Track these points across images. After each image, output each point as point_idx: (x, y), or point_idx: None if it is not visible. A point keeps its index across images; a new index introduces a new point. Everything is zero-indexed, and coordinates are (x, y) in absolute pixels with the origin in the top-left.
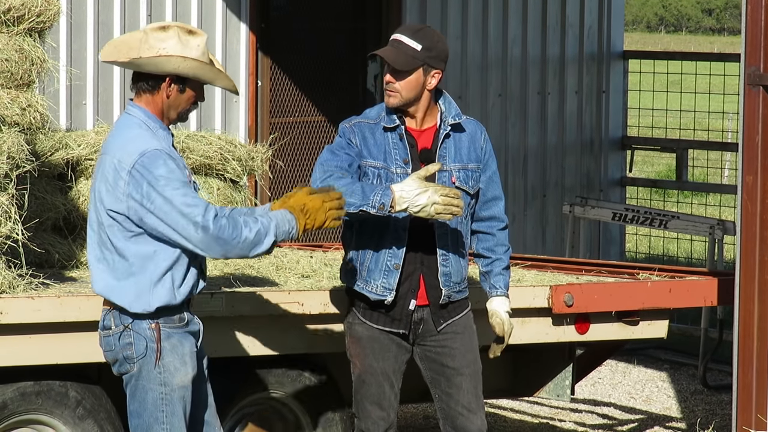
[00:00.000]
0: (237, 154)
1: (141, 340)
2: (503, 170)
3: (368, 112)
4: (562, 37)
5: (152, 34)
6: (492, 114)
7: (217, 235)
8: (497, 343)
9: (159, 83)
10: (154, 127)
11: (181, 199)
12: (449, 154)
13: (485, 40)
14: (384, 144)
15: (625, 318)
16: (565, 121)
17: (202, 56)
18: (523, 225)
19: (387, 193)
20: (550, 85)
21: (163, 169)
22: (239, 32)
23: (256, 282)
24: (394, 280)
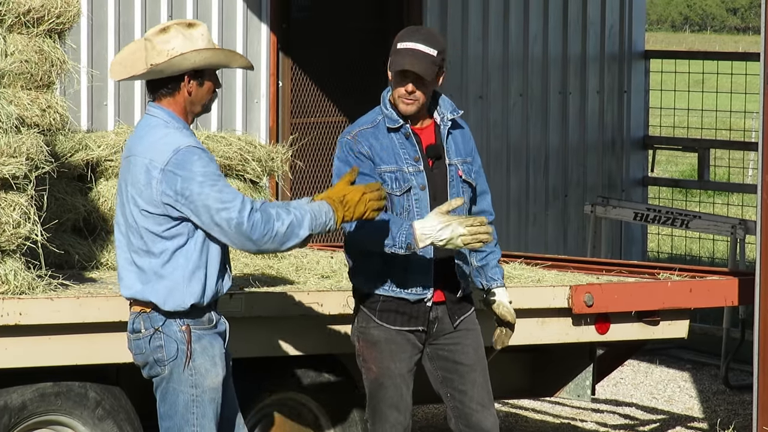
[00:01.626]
0: (257, 154)
1: (172, 343)
2: (524, 170)
3: (361, 120)
4: (584, 37)
5: (155, 38)
6: (513, 114)
7: (250, 231)
8: (507, 329)
9: (178, 83)
10: (178, 128)
11: (216, 195)
12: (452, 149)
13: (506, 40)
14: (391, 146)
15: (646, 318)
16: (586, 121)
17: (210, 44)
18: (545, 225)
19: (411, 233)
20: (571, 84)
21: (198, 164)
22: (260, 33)
23: (275, 282)
24: (431, 276)
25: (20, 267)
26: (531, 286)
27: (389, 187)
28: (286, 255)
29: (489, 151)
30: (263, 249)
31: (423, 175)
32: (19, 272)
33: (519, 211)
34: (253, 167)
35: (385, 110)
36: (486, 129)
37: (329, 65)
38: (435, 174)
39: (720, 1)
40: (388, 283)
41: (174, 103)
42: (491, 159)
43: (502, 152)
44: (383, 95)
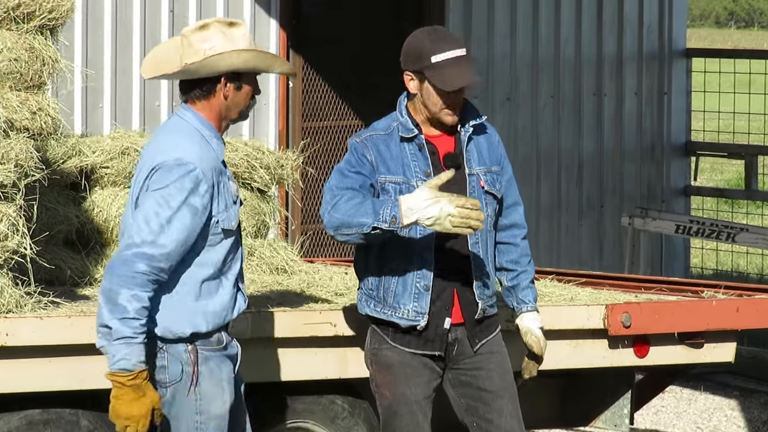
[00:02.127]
0: (265, 161)
1: (176, 364)
2: (555, 178)
3: (376, 124)
4: (620, 34)
5: (193, 36)
6: (543, 117)
7: (111, 270)
8: (533, 361)
9: (214, 86)
10: (208, 136)
11: (154, 216)
12: (473, 158)
13: (536, 38)
14: (401, 156)
15: (689, 340)
16: (623, 125)
17: (251, 46)
18: (578, 238)
19: (396, 205)
20: (606, 85)
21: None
22: (269, 29)
23: (284, 300)
24: (426, 302)
25: (7, 283)
26: (563, 305)
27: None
28: (296, 270)
29: (517, 158)
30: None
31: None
32: (5, 289)
33: (550, 223)
34: (260, 175)
35: (400, 117)
36: (514, 134)
37: (343, 65)
38: (452, 186)
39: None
40: (380, 304)
41: (208, 107)
42: (520, 166)
43: (531, 159)
44: (400, 101)
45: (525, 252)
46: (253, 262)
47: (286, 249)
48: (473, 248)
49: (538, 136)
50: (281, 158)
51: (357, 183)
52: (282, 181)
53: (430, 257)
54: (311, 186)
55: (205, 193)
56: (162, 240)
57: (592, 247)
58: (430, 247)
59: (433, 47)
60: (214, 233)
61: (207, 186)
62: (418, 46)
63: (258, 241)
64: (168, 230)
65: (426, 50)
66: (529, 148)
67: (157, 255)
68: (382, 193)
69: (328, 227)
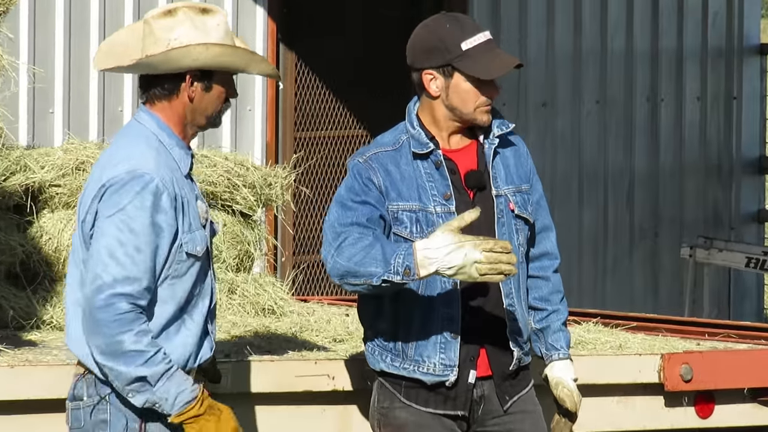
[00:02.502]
0: (249, 179)
1: (120, 418)
2: (601, 200)
3: (381, 139)
4: (680, 27)
5: (156, 22)
6: (586, 126)
7: (100, 319)
8: (566, 419)
9: (177, 84)
10: (168, 144)
11: (118, 246)
12: (500, 175)
13: (578, 31)
14: (415, 177)
15: (762, 398)
16: (683, 137)
17: (226, 38)
18: (629, 273)
19: (410, 253)
20: (663, 89)
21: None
22: (255, 19)
23: (272, 348)
24: (455, 352)
25: None
26: (610, 354)
27: (407, 231)
28: (287, 312)
29: (554, 176)
30: (102, 356)
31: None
32: None
33: (594, 254)
34: (244, 195)
35: (412, 129)
36: (551, 147)
37: (345, 62)
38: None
39: None
40: (398, 357)
41: (170, 109)
42: (557, 186)
43: (571, 177)
44: (409, 110)
45: (557, 287)
46: (234, 301)
47: (275, 285)
48: (504, 286)
49: (580, 150)
50: (269, 175)
51: (363, 216)
52: (270, 203)
53: (456, 296)
54: (306, 209)
55: (169, 208)
56: (135, 273)
57: (645, 284)
58: (457, 284)
59: (461, 34)
60: (179, 260)
61: (169, 198)
62: (440, 36)
63: (241, 275)
64: (138, 261)
65: (452, 38)
66: (569, 165)
67: (135, 293)
68: (395, 225)
69: (333, 275)
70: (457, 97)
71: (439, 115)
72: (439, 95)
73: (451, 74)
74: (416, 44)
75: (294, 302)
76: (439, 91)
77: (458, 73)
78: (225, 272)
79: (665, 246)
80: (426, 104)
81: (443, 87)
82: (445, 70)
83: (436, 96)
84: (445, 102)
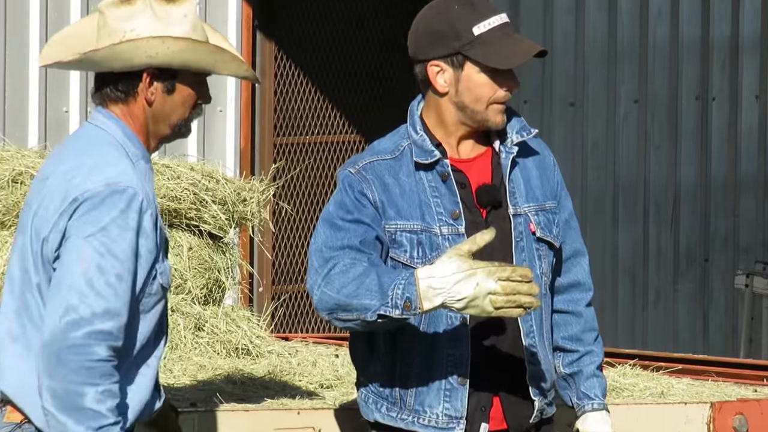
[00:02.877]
0: (220, 193)
1: None
2: (641, 219)
3: (378, 144)
4: (735, 13)
5: (111, 11)
6: (624, 130)
7: (64, 355)
8: None
9: (134, 84)
10: (134, 155)
11: (97, 273)
12: (519, 190)
13: (612, 17)
14: (417, 191)
15: None
16: (739, 143)
17: (193, 32)
18: (673, 306)
19: (411, 282)
20: (715, 86)
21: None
22: (226, 2)
23: (247, 395)
24: (463, 401)
25: None
26: (650, 402)
27: (406, 255)
28: (265, 352)
29: (585, 189)
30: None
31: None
32: None
33: (632, 284)
34: (213, 213)
35: (414, 134)
36: (580, 154)
37: (333, 55)
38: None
39: None
40: (395, 406)
41: (130, 114)
42: (588, 203)
43: (605, 191)
44: (411, 111)
45: (590, 325)
46: (202, 339)
47: (250, 321)
48: (523, 320)
49: (615, 159)
50: (243, 189)
51: (356, 238)
52: (244, 222)
53: (464, 334)
54: (287, 229)
55: (151, 231)
56: (116, 306)
57: (693, 319)
58: (465, 319)
59: (472, 17)
60: (149, 293)
61: (152, 219)
62: (449, 19)
63: (209, 309)
64: (120, 292)
65: (463, 22)
66: (602, 176)
67: (115, 331)
68: (393, 247)
69: (321, 309)
70: (469, 92)
71: (447, 115)
72: (447, 91)
73: (462, 64)
74: (420, 30)
75: (273, 340)
76: (448, 87)
77: (470, 63)
78: (191, 305)
79: (717, 273)
80: (432, 103)
81: (452, 81)
82: (455, 59)
83: (443, 92)
84: (455, 99)
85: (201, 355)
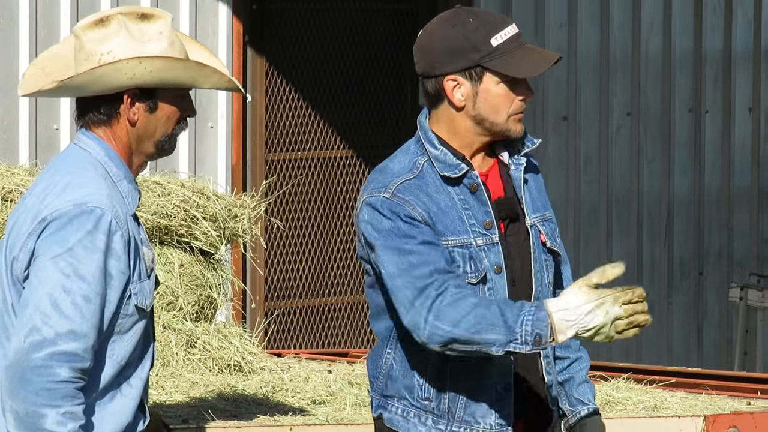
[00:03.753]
0: (211, 210)
1: None
2: (634, 232)
3: (391, 165)
4: (727, 25)
5: (86, 35)
6: (617, 143)
7: (27, 378)
8: None
9: (116, 106)
10: (116, 176)
11: (62, 294)
12: (527, 202)
13: (605, 29)
14: (452, 205)
15: None
16: (732, 156)
17: (171, 48)
18: (667, 319)
19: (541, 318)
20: (708, 98)
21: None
22: (216, 17)
23: (239, 411)
24: (509, 409)
25: None
26: (643, 416)
27: (460, 271)
28: (257, 369)
29: (578, 204)
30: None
31: (498, 250)
32: None
33: None
34: (204, 230)
35: (433, 149)
36: (574, 167)
37: (324, 69)
38: (510, 244)
39: None
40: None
41: (114, 136)
42: (581, 216)
43: (598, 204)
44: (422, 125)
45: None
46: (194, 356)
47: (242, 337)
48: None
49: (608, 172)
50: (234, 206)
51: (439, 260)
52: (236, 238)
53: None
54: (280, 245)
55: (122, 252)
56: (81, 328)
57: (687, 333)
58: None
59: (488, 29)
60: (125, 314)
61: (122, 240)
62: (465, 33)
63: (201, 325)
64: (86, 313)
65: (479, 35)
66: (595, 190)
67: (80, 352)
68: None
69: (433, 343)
70: (487, 104)
71: (462, 129)
72: (464, 105)
73: (481, 77)
74: (434, 44)
75: (266, 357)
76: (465, 100)
77: (489, 75)
78: (183, 322)
79: (711, 287)
80: (444, 117)
81: (470, 94)
82: (474, 72)
83: (460, 107)
84: (472, 113)
85: (193, 372)
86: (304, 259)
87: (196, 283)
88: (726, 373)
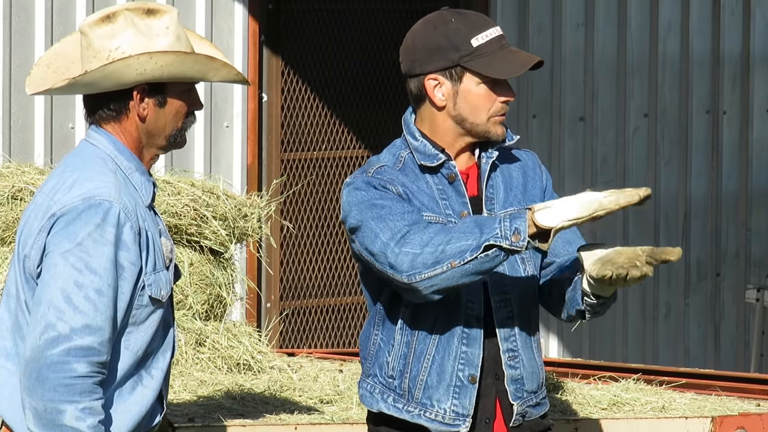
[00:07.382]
0: (221, 209)
1: None
2: (651, 234)
3: (377, 159)
4: (746, 26)
5: (94, 31)
6: (634, 145)
7: (45, 380)
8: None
9: (125, 102)
10: (127, 168)
11: (75, 289)
12: (498, 196)
13: (623, 30)
14: (429, 194)
15: None
16: (750, 157)
17: (178, 43)
18: (684, 320)
19: (519, 215)
20: (726, 99)
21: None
22: (232, 17)
23: (246, 410)
24: (471, 400)
25: None
26: (650, 417)
27: None
28: (266, 368)
29: None
30: (39, 405)
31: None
32: None
33: (642, 298)
34: (214, 229)
35: (414, 141)
36: (590, 168)
37: (340, 69)
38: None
39: None
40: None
41: (123, 131)
42: None
43: None
44: (406, 122)
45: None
46: (203, 354)
47: (252, 336)
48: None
49: (625, 173)
50: (244, 205)
51: (413, 210)
52: (247, 238)
53: (478, 331)
54: (294, 244)
55: (132, 243)
56: (96, 321)
57: (703, 334)
58: (480, 316)
59: (469, 29)
60: (139, 305)
61: (132, 231)
62: (446, 33)
63: (211, 324)
64: (100, 306)
65: (460, 35)
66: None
67: (97, 345)
68: None
69: (401, 272)
70: (467, 104)
71: (443, 129)
72: (445, 105)
73: (461, 77)
74: (416, 44)
75: (276, 356)
76: (446, 100)
77: (469, 75)
78: (192, 320)
79: (728, 288)
80: (427, 117)
81: (450, 94)
82: (454, 72)
83: (441, 106)
84: (453, 112)
85: (202, 371)
86: (320, 259)
87: (206, 282)
88: (737, 375)
